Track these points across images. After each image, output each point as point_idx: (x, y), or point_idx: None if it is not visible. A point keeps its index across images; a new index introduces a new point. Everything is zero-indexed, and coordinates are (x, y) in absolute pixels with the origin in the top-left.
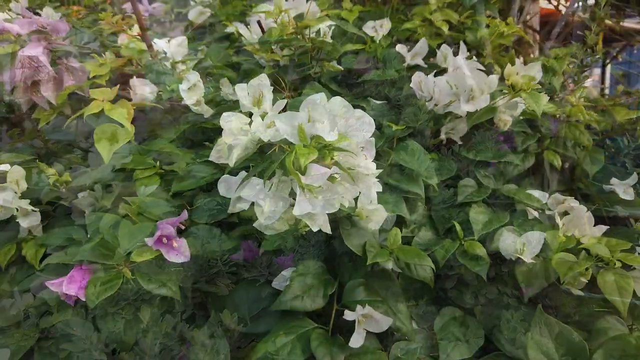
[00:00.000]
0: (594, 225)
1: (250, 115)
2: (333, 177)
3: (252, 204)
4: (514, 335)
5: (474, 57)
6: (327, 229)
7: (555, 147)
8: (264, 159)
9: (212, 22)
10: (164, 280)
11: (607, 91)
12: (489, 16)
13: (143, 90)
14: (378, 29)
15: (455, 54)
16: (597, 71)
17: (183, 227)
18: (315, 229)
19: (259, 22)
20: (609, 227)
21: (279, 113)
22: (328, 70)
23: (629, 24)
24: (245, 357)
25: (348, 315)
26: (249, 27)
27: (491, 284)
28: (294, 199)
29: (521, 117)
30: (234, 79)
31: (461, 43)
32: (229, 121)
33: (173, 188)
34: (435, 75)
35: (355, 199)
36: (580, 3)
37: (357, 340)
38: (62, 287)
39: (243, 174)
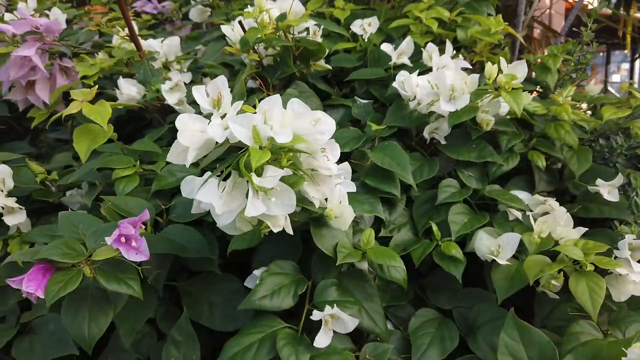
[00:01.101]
0: (575, 227)
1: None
2: (300, 179)
3: None
4: (488, 337)
5: (460, 55)
6: (289, 230)
7: (541, 147)
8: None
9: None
10: (125, 279)
11: (635, 86)
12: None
13: (129, 90)
14: (366, 27)
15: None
16: (625, 66)
17: (143, 227)
18: (276, 230)
19: (240, 22)
20: (587, 229)
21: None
22: (315, 69)
23: None
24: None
25: (315, 315)
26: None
27: (468, 286)
28: None
29: (507, 117)
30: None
31: (447, 41)
32: (185, 122)
33: (153, 187)
34: (420, 74)
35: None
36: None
37: (323, 341)
38: (23, 284)
39: (209, 174)
